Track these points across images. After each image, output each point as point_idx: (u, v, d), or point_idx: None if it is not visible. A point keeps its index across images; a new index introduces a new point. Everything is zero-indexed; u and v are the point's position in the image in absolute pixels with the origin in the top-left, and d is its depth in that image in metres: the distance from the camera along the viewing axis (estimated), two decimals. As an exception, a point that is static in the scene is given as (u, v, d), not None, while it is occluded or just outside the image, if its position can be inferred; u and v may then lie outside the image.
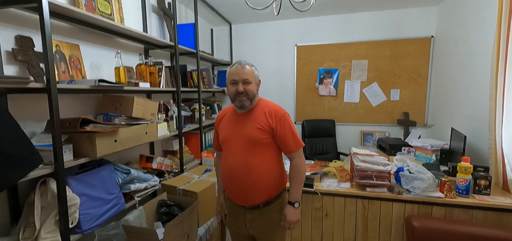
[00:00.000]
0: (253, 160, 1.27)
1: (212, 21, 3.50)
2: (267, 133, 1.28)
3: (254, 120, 1.29)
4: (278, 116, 1.29)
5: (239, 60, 1.31)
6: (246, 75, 1.26)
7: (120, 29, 1.71)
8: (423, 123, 3.12)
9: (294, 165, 1.32)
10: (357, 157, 1.85)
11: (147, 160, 1.90)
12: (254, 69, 1.33)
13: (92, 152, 1.32)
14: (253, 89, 1.29)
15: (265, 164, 1.29)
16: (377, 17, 3.13)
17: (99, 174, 1.45)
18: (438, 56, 2.92)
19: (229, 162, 1.32)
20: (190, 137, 2.69)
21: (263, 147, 1.29)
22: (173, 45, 2.19)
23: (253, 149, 1.27)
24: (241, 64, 1.28)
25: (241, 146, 1.29)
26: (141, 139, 1.67)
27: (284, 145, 1.30)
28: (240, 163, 1.28)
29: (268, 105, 1.34)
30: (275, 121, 1.28)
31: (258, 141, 1.27)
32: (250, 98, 1.28)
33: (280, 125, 1.28)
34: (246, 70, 1.28)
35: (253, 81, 1.29)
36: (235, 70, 1.28)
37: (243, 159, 1.27)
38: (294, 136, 1.31)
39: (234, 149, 1.30)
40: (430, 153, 2.44)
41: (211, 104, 3.28)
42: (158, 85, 2.08)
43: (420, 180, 1.69)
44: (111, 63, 1.76)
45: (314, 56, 3.39)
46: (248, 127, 1.29)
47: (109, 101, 1.66)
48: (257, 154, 1.27)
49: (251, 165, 1.26)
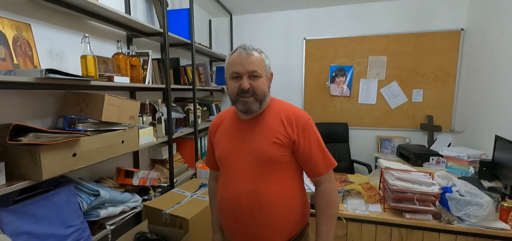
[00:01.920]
0: (267, 189, 0.88)
1: (211, 11, 3.11)
2: (286, 148, 0.90)
3: (266, 130, 0.91)
4: (301, 125, 0.91)
5: (244, 44, 0.92)
6: (253, 66, 0.88)
7: (93, 6, 1.31)
8: (450, 128, 2.75)
9: (323, 192, 0.93)
10: (390, 174, 1.47)
11: (127, 174, 1.51)
12: (265, 57, 0.94)
13: (35, 172, 0.92)
14: (263, 86, 0.90)
15: (284, 193, 0.91)
16: (398, 7, 2.75)
17: (52, 200, 1.06)
18: (469, 52, 2.55)
19: (231, 192, 0.93)
20: (183, 142, 2.30)
21: (281, 169, 0.90)
22: (162, 32, 1.80)
23: (267, 172, 0.89)
24: (246, 50, 0.89)
25: (248, 168, 0.90)
26: (115, 150, 1.28)
27: (309, 164, 0.92)
28: (248, 193, 0.89)
29: (285, 108, 0.95)
30: (297, 131, 0.90)
31: (274, 160, 0.89)
32: (259, 99, 0.90)
33: (304, 137, 0.90)
34: (254, 58, 0.89)
35: (264, 74, 0.91)
36: (237, 58, 0.89)
37: (253, 187, 0.89)
38: (323, 151, 0.93)
39: (238, 172, 0.92)
40: (467, 165, 2.07)
41: (208, 104, 2.88)
42: (143, 81, 1.69)
43: (476, 205, 1.31)
44: (81, 51, 1.37)
45: (325, 52, 3.01)
46: (258, 139, 0.91)
47: (72, 101, 1.27)
48: (273, 179, 0.89)
49: (264, 196, 0.88)
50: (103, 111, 1.19)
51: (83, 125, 1.18)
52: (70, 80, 1.07)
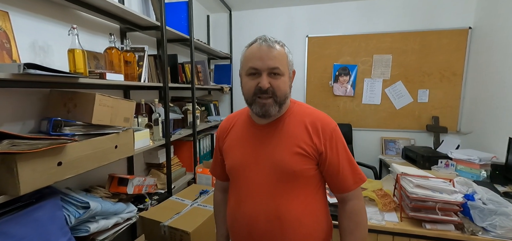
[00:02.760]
0: (290, 208, 0.76)
1: (209, 6, 2.96)
2: (311, 160, 0.77)
3: (287, 138, 0.78)
4: (328, 132, 0.78)
5: (264, 36, 0.78)
6: (275, 61, 0.74)
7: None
8: (456, 129, 2.67)
9: (352, 211, 0.81)
10: (408, 180, 1.37)
11: (120, 182, 1.36)
12: (288, 51, 0.81)
13: (11, 186, 0.78)
14: (285, 86, 0.77)
15: (309, 213, 0.78)
16: (404, 5, 2.66)
17: (33, 215, 0.91)
18: (477, 51, 2.48)
19: (247, 210, 0.80)
20: (181, 145, 2.16)
21: (305, 184, 0.78)
22: (159, 26, 1.65)
23: (289, 188, 0.76)
24: (268, 42, 0.76)
25: (267, 182, 0.77)
26: (107, 157, 1.14)
27: (336, 179, 0.80)
28: (267, 212, 0.76)
29: (309, 113, 0.82)
30: (324, 140, 0.77)
31: (298, 173, 0.76)
32: (279, 101, 0.77)
33: (332, 147, 0.78)
34: (276, 52, 0.75)
35: (286, 72, 0.78)
36: (257, 51, 0.75)
37: (273, 205, 0.76)
38: (351, 164, 0.81)
39: (255, 187, 0.79)
40: (478, 168, 1.99)
41: (207, 104, 2.74)
42: (138, 78, 1.54)
43: (503, 215, 1.22)
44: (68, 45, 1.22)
45: (328, 50, 2.90)
46: (279, 149, 0.78)
47: (58, 101, 1.12)
48: (296, 196, 0.77)
49: (287, 216, 0.76)
50: (93, 113, 1.04)
51: (70, 128, 1.03)
52: (54, 77, 0.92)
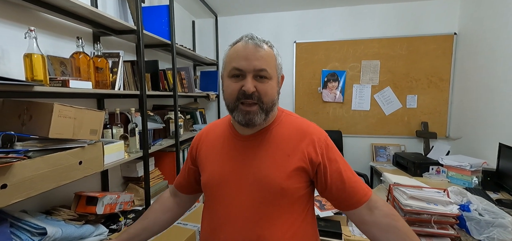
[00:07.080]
0: (276, 236, 0.65)
1: (194, 12, 2.87)
2: (304, 176, 0.67)
3: (276, 150, 0.68)
4: (323, 143, 0.69)
5: (251, 33, 0.69)
6: (262, 62, 0.65)
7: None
8: (445, 134, 2.66)
9: (385, 215, 0.66)
10: (402, 191, 1.30)
11: (89, 201, 1.22)
12: (276, 53, 0.71)
13: None
14: (272, 91, 0.68)
15: (298, 239, 0.68)
16: (391, 11, 2.66)
17: (-29, 249, 0.77)
18: (463, 56, 2.48)
19: (223, 239, 0.68)
20: (163, 156, 2.03)
21: (293, 205, 0.68)
22: (135, 30, 1.54)
23: (274, 211, 0.66)
24: (255, 41, 0.66)
25: (249, 204, 0.66)
26: (69, 175, 1.00)
27: (343, 191, 0.68)
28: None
29: (300, 123, 0.73)
30: (321, 151, 0.68)
31: (287, 192, 0.66)
32: (266, 108, 0.67)
33: (329, 158, 0.68)
34: (263, 52, 0.66)
35: (274, 75, 0.68)
36: (242, 50, 0.66)
37: (255, 234, 0.65)
38: (353, 173, 0.71)
39: (234, 209, 0.68)
40: (470, 175, 1.95)
41: (192, 112, 2.62)
42: (112, 86, 1.42)
43: (499, 226, 1.15)
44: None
45: (317, 56, 2.86)
46: (265, 163, 0.67)
47: (12, 111, 0.98)
48: (283, 220, 0.66)
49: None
50: (51, 125, 0.91)
51: (23, 143, 0.90)
52: (3, 85, 0.80)
